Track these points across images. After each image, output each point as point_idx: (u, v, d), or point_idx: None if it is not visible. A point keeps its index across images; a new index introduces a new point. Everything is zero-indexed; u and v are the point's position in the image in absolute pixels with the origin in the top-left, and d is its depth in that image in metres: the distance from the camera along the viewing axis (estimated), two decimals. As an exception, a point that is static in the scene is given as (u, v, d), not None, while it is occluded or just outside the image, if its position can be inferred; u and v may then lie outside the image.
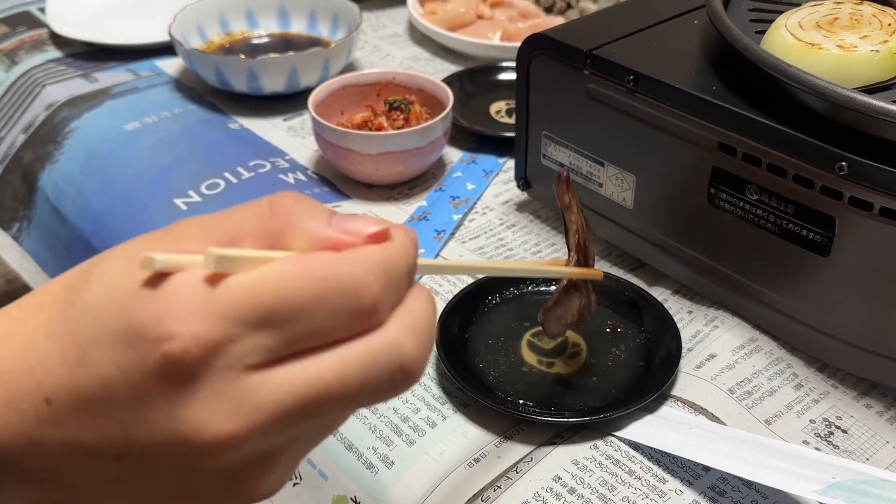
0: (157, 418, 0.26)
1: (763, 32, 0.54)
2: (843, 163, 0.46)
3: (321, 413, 0.28)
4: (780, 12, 0.56)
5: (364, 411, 0.52)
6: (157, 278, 0.26)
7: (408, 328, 0.29)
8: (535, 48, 0.61)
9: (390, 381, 0.28)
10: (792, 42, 0.51)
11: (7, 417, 0.28)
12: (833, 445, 0.50)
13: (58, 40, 0.96)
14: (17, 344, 0.28)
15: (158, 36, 0.91)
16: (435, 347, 0.54)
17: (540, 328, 0.56)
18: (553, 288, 0.60)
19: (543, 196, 0.68)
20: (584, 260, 0.48)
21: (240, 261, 0.26)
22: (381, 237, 0.29)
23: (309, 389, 0.27)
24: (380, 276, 0.28)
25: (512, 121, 0.79)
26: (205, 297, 0.26)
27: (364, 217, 0.30)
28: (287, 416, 0.27)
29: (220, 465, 0.27)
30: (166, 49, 0.92)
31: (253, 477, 0.29)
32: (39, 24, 1.00)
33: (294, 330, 0.27)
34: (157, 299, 0.26)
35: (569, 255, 0.48)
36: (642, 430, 0.50)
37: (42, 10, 1.02)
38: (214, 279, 0.26)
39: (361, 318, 0.28)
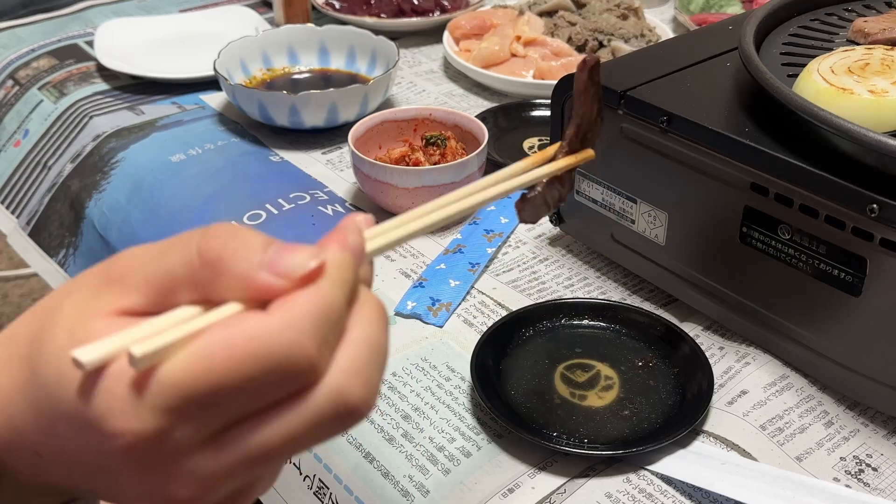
0: (126, 483, 0.29)
1: (795, 76, 0.56)
2: (875, 205, 0.47)
3: (272, 464, 0.30)
4: (812, 56, 0.57)
5: (401, 440, 0.54)
6: (93, 374, 0.28)
7: (350, 370, 0.29)
8: (570, 87, 0.63)
9: (338, 425, 0.29)
10: (824, 87, 0.52)
11: (10, 461, 0.31)
12: (863, 483, 0.50)
13: (105, 73, 0.99)
14: (3, 415, 0.31)
15: (202, 70, 0.94)
16: (470, 378, 0.55)
17: (574, 361, 0.58)
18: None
19: (576, 231, 0.69)
20: (579, 145, 0.44)
21: (164, 349, 0.27)
22: (315, 275, 0.28)
23: (258, 453, 0.28)
24: (314, 333, 0.28)
25: (545, 157, 0.80)
26: (137, 395, 0.27)
27: (296, 247, 0.29)
28: (240, 475, 0.29)
29: None
30: (210, 83, 0.95)
31: None
32: (87, 57, 1.04)
33: (231, 408, 0.28)
34: (97, 399, 0.27)
35: (562, 142, 0.44)
36: (675, 464, 0.51)
37: (90, 43, 1.06)
38: (144, 373, 0.27)
39: (298, 380, 0.28)
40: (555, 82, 0.64)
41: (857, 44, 0.60)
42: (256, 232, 0.30)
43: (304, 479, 0.55)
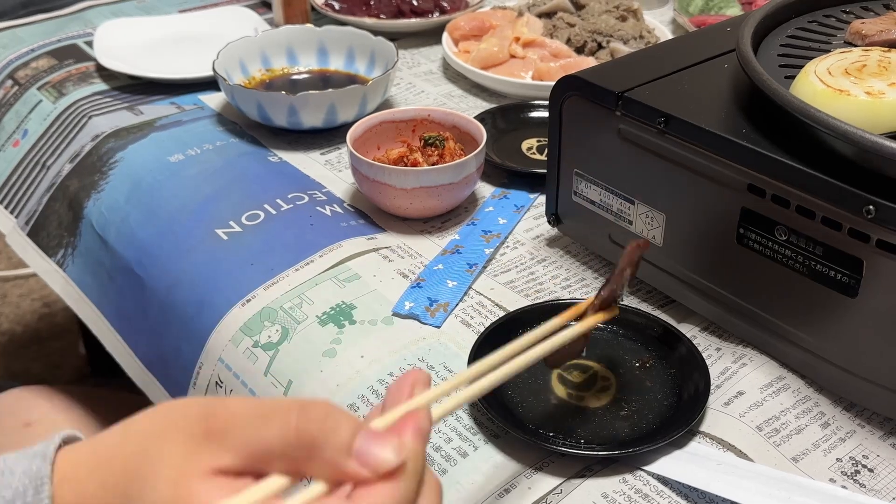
0: None
1: (792, 77, 0.56)
2: (871, 206, 0.47)
3: None
4: (809, 58, 0.57)
5: (398, 440, 0.54)
6: None
7: None
8: (569, 89, 0.63)
9: None
10: (821, 88, 0.52)
11: None
12: (859, 484, 0.50)
13: (104, 73, 1.00)
14: None
15: (201, 71, 0.94)
16: (467, 379, 0.55)
17: (571, 361, 0.58)
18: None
19: (574, 232, 0.69)
20: (605, 305, 0.51)
21: None
22: (397, 470, 0.33)
23: None
24: None
25: (543, 157, 0.81)
26: None
27: (383, 439, 0.33)
28: None
29: None
30: (209, 84, 0.95)
31: None
32: (86, 57, 1.04)
33: None
34: None
35: (594, 301, 0.50)
36: (671, 464, 0.51)
37: (89, 43, 1.06)
38: None
39: None
40: (553, 83, 0.64)
41: (855, 45, 0.61)
42: (348, 415, 0.34)
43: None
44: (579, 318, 0.50)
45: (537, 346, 0.45)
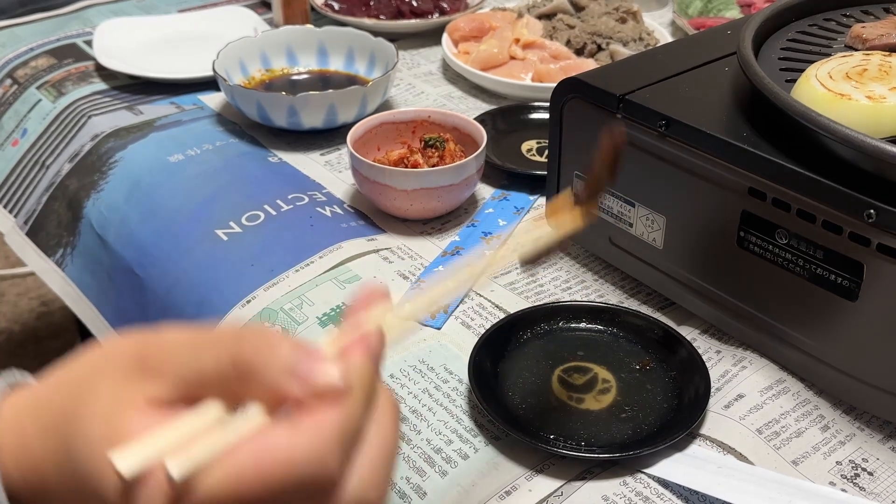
0: None
1: (793, 81, 0.56)
2: (872, 210, 0.47)
3: None
4: (810, 62, 0.57)
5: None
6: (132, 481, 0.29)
7: (368, 479, 0.31)
8: (569, 91, 0.63)
9: None
10: (822, 92, 0.52)
11: None
12: (859, 487, 0.50)
13: (103, 73, 0.99)
14: (31, 466, 0.32)
15: (201, 71, 0.94)
16: (468, 380, 0.55)
17: (571, 364, 0.58)
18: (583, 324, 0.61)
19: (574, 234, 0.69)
20: (584, 203, 0.48)
21: (199, 467, 0.29)
22: (341, 392, 0.31)
23: None
24: (337, 452, 0.30)
25: (542, 159, 0.81)
26: None
27: (325, 359, 0.31)
28: None
29: None
30: (209, 84, 0.95)
31: None
32: (86, 56, 1.04)
33: None
34: None
35: (575, 196, 0.48)
36: (671, 467, 0.51)
37: (89, 43, 1.06)
38: (182, 486, 0.29)
39: (321, 493, 0.30)
40: (553, 85, 0.64)
41: (855, 49, 0.61)
42: (289, 338, 0.32)
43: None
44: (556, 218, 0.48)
45: (509, 248, 0.43)
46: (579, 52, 0.98)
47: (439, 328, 0.62)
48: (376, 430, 0.32)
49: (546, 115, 0.84)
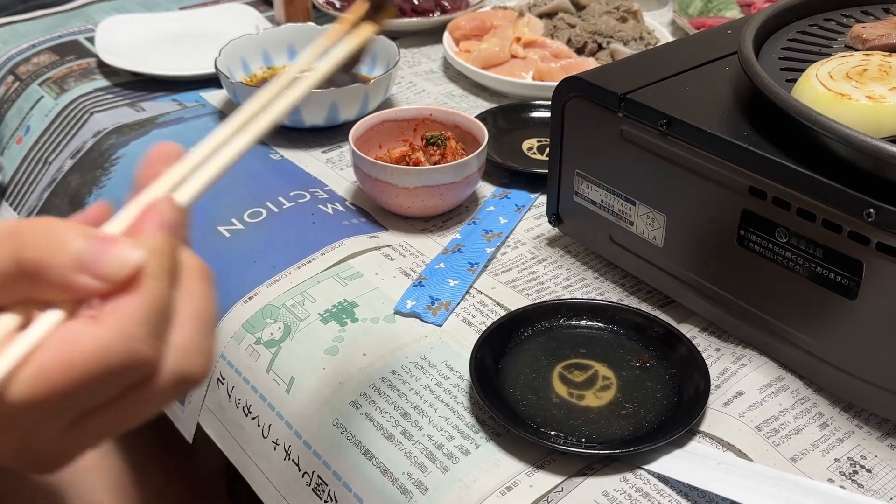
0: None
1: (793, 81, 0.56)
2: (871, 209, 0.48)
3: (127, 429, 0.31)
4: (811, 62, 0.58)
5: (400, 438, 0.54)
6: None
7: (186, 350, 0.30)
8: (571, 90, 0.64)
9: (181, 394, 0.31)
10: (823, 92, 0.52)
11: None
12: (857, 484, 0.51)
13: (105, 69, 1.00)
14: None
15: (203, 68, 0.94)
16: (469, 376, 0.56)
17: (572, 361, 0.58)
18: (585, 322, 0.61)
19: (574, 232, 0.70)
20: (378, 7, 0.48)
21: (1, 374, 0.28)
22: (138, 275, 0.29)
23: (110, 430, 0.30)
24: (146, 335, 0.28)
25: (543, 157, 0.81)
26: None
27: (114, 243, 0.29)
28: (99, 443, 0.31)
29: None
30: (211, 81, 0.95)
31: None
32: (88, 53, 1.04)
33: (78, 408, 0.29)
34: None
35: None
36: (671, 464, 0.51)
37: (91, 39, 1.06)
38: None
39: (138, 376, 0.29)
40: (554, 84, 0.64)
41: (856, 49, 0.61)
42: (75, 226, 0.30)
43: (302, 476, 0.56)
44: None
45: (310, 72, 0.41)
46: (580, 51, 0.98)
47: (440, 325, 0.63)
48: (187, 301, 0.30)
49: (547, 114, 0.84)
